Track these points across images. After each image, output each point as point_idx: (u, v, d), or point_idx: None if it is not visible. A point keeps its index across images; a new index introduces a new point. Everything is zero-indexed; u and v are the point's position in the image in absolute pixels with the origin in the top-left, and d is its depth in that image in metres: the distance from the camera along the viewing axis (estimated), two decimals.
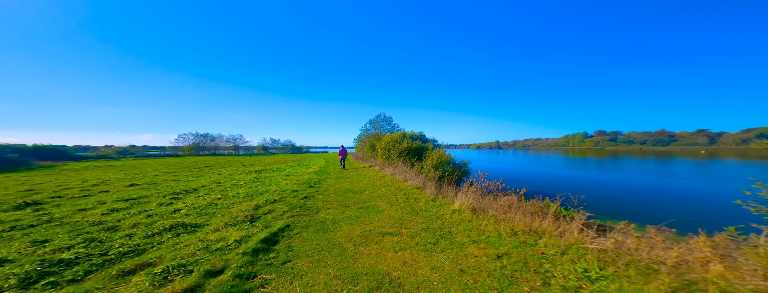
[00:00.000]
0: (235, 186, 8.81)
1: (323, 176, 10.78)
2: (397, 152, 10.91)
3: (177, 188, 8.53)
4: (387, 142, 12.37)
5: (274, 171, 14.25)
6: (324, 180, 9.58)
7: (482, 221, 3.96)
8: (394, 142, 11.70)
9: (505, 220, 3.80)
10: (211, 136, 61.75)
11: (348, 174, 11.55)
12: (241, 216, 4.67)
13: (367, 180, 9.00)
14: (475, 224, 3.87)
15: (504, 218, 3.87)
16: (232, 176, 12.23)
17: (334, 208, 5.35)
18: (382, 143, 13.03)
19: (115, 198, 6.78)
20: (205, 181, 10.43)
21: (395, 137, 11.93)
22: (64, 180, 10.76)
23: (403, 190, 6.80)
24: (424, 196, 5.91)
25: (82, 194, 7.53)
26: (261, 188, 8.19)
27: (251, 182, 9.87)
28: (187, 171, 15.37)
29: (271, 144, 77.37)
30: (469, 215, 4.31)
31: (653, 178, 13.51)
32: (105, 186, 9.27)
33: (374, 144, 17.67)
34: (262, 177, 11.57)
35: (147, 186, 9.22)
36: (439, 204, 5.24)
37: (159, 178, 11.37)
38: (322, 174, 11.58)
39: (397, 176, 8.94)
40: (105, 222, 4.64)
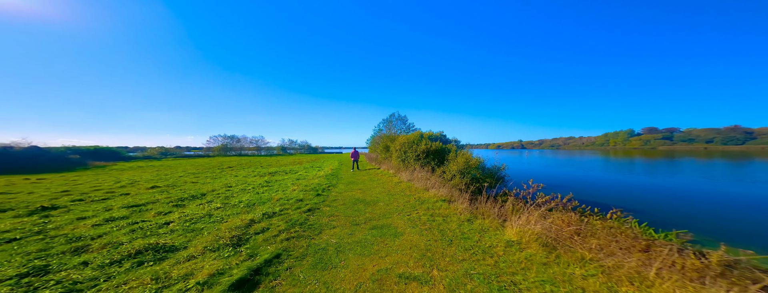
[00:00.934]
0: (242, 192, 8.18)
1: (334, 181, 9.89)
2: (414, 154, 9.70)
3: (189, 192, 8.15)
4: (402, 143, 11.20)
5: (287, 174, 13.69)
6: (334, 186, 8.64)
7: (571, 268, 2.47)
8: (410, 143, 10.50)
9: (607, 268, 2.40)
10: (237, 137, 65.05)
11: (360, 178, 10.56)
12: (228, 237, 3.80)
13: (380, 188, 7.90)
14: (558, 274, 2.42)
15: (605, 263, 2.43)
16: (246, 179, 11.80)
17: (340, 227, 4.31)
18: (397, 144, 11.88)
19: (124, 204, 6.39)
20: (218, 184, 10.05)
21: (412, 138, 10.72)
22: (101, 181, 11.26)
23: (426, 203, 5.60)
24: (456, 213, 4.66)
25: (103, 197, 7.54)
26: (266, 195, 7.42)
27: (260, 187, 9.22)
28: (209, 172, 15.46)
29: (289, 144, 79.84)
30: (540, 253, 2.86)
31: (728, 184, 10.96)
32: (130, 188, 9.34)
33: (388, 145, 16.56)
34: (272, 180, 10.95)
35: (165, 188, 9.15)
36: (480, 227, 3.93)
37: (181, 180, 11.44)
38: (333, 177, 10.71)
39: (415, 183, 7.75)
40: (82, 239, 4.03)
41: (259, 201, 6.54)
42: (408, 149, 10.47)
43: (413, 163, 9.65)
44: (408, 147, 10.52)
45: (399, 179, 9.19)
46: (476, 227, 3.91)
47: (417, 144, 9.94)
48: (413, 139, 10.48)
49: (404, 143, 10.94)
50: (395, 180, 9.03)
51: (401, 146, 11.10)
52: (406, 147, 10.59)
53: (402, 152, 10.98)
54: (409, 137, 10.97)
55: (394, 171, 11.02)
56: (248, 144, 67.48)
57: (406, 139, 11.00)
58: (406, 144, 10.70)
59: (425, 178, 7.53)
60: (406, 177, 8.66)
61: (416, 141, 10.29)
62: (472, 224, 4.04)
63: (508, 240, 3.28)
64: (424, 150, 9.16)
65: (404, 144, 10.91)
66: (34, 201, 6.92)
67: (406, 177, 8.71)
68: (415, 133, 10.93)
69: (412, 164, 9.69)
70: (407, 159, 10.39)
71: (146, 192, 8.34)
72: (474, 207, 4.65)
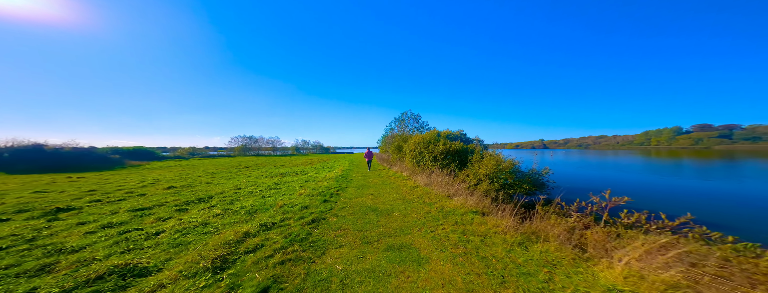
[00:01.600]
0: (248, 196, 7.66)
1: (343, 183, 9.18)
2: (431, 155, 8.75)
3: (199, 194, 7.86)
4: (417, 142, 10.27)
5: (297, 175, 13.24)
6: (343, 189, 7.90)
7: None
8: (426, 143, 9.55)
9: None
10: (254, 138, 67.20)
11: (371, 180, 9.77)
12: (212, 257, 3.11)
13: (395, 193, 7.05)
14: None
15: None
16: (257, 180, 11.44)
17: (348, 245, 3.51)
18: (411, 144, 10.96)
19: (132, 207, 6.12)
20: (229, 186, 9.70)
21: (427, 137, 9.76)
22: (128, 180, 11.54)
23: (452, 215, 4.67)
24: (497, 232, 3.65)
25: (121, 198, 7.47)
26: (271, 200, 6.81)
27: (267, 189, 8.68)
28: (226, 172, 15.45)
29: (302, 145, 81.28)
30: None
31: None
32: (150, 188, 9.36)
33: (400, 145, 15.66)
34: (282, 182, 10.43)
35: (180, 189, 9.09)
36: (544, 258, 2.80)
37: (198, 180, 11.46)
38: (342, 180, 10.00)
39: (434, 188, 6.82)
40: (62, 252, 3.54)
41: (262, 208, 5.91)
42: (423, 149, 9.52)
43: (430, 165, 8.70)
44: (423, 148, 9.57)
45: (414, 183, 8.28)
46: (537, 256, 2.83)
47: (434, 144, 8.97)
48: (429, 138, 9.52)
49: (419, 143, 10.01)
50: (410, 184, 8.13)
51: (416, 146, 10.18)
52: (422, 148, 9.64)
53: (416, 153, 10.06)
54: (425, 136, 10.01)
55: (409, 174, 10.12)
56: (265, 144, 69.47)
57: (421, 138, 10.06)
58: (422, 144, 9.76)
59: (446, 183, 6.58)
60: (423, 181, 7.74)
61: (433, 140, 9.32)
62: (529, 251, 2.98)
63: (611, 289, 2.09)
64: (442, 151, 8.18)
65: (419, 144, 9.97)
66: (59, 200, 7.01)
67: (422, 181, 7.79)
68: (431, 132, 9.96)
69: (429, 166, 8.74)
70: (423, 160, 9.45)
71: (161, 193, 8.20)
72: (521, 224, 3.64)
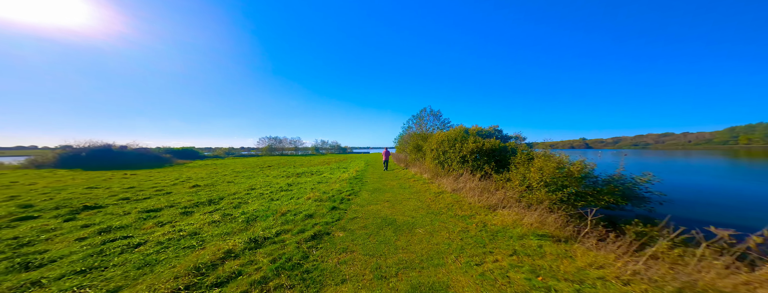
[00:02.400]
0: (258, 198, 7.00)
1: (357, 186, 8.20)
2: (458, 155, 7.40)
3: (214, 195, 7.47)
4: (440, 141, 8.95)
5: (312, 176, 12.65)
6: (356, 194, 6.88)
7: None
8: (451, 141, 8.20)
9: None
10: (279, 139, 70.35)
11: (388, 182, 8.65)
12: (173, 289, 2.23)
13: (415, 200, 5.86)
14: None
15: None
16: (274, 179, 11.00)
17: (353, 281, 2.43)
18: (433, 142, 9.66)
19: (145, 208, 5.81)
20: (245, 186, 9.24)
21: (453, 134, 8.39)
22: (166, 178, 12.03)
23: (503, 236, 3.37)
24: (607, 278, 2.23)
25: (147, 196, 7.41)
26: (276, 205, 5.99)
27: (279, 191, 7.98)
28: (250, 171, 15.60)
29: (321, 145, 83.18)
30: None
31: None
32: (178, 186, 9.39)
33: (419, 144, 14.37)
34: (295, 183, 9.73)
35: (203, 188, 9.01)
36: None
37: (223, 179, 11.47)
38: (356, 182, 9.03)
39: (466, 195, 5.52)
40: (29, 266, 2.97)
41: (263, 215, 5.07)
42: (448, 149, 8.19)
43: (457, 167, 7.35)
44: (448, 146, 8.24)
45: (439, 187, 7.00)
46: None
47: (461, 141, 7.60)
48: (455, 135, 8.16)
49: (443, 141, 8.69)
50: (434, 189, 6.87)
51: (439, 145, 8.87)
52: (446, 146, 8.31)
53: (439, 152, 8.74)
54: (449, 133, 8.65)
55: (430, 176, 8.83)
56: (288, 144, 72.21)
57: (446, 135, 8.72)
58: (446, 142, 8.43)
59: (481, 189, 5.24)
60: (450, 186, 6.44)
61: (459, 137, 7.94)
62: None
63: None
64: (473, 150, 6.80)
65: (443, 142, 8.65)
66: (98, 196, 7.32)
67: (449, 186, 6.49)
68: (457, 129, 8.57)
69: (456, 168, 7.40)
70: (447, 161, 8.12)
71: (184, 192, 8.09)
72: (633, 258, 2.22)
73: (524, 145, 6.50)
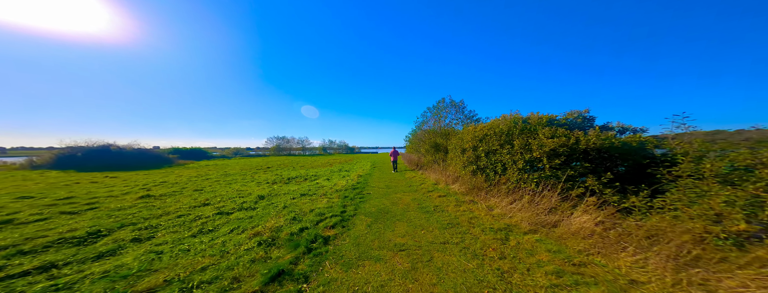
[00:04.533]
0: (189, 224, 4.41)
1: (358, 197, 5.60)
2: (521, 159, 4.40)
3: (146, 212, 5.50)
4: (479, 137, 5.97)
5: (304, 181, 10.18)
6: (348, 220, 4.10)
7: None
8: (500, 136, 5.19)
9: None
10: (287, 138, 69.75)
11: (399, 197, 5.81)
12: None
13: (458, 247, 2.97)
14: None
15: None
16: (250, 187, 8.68)
17: None
18: (465, 140, 6.71)
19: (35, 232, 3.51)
20: (207, 196, 7.16)
21: (502, 126, 5.36)
22: (143, 181, 10.83)
23: None
24: None
25: (77, 209, 5.71)
26: (197, 244, 3.35)
27: (235, 211, 5.39)
28: (240, 174, 13.97)
29: (329, 145, 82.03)
30: None
31: None
32: (131, 195, 7.53)
33: (439, 142, 11.41)
34: (272, 194, 7.07)
35: (155, 199, 7.06)
36: None
37: (199, 184, 9.82)
38: (356, 194, 6.30)
39: (587, 241, 2.55)
40: None
41: (199, 251, 2.41)
42: (497, 148, 5.19)
43: (515, 178, 4.38)
44: (496, 145, 5.24)
45: (490, 213, 4.06)
46: None
47: (525, 136, 4.58)
48: (506, 127, 5.15)
49: (483, 137, 5.70)
50: (481, 216, 3.95)
51: (475, 143, 5.91)
52: (491, 145, 5.34)
53: (476, 154, 5.79)
54: (495, 126, 5.62)
55: (464, 189, 5.88)
56: (296, 144, 71.46)
57: (489, 129, 5.70)
58: (491, 138, 5.44)
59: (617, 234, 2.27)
60: (527, 218, 3.47)
61: (515, 131, 4.92)
62: None
63: None
64: (557, 151, 3.76)
65: (484, 139, 5.67)
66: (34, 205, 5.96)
67: (525, 218, 3.52)
68: (508, 118, 5.53)
69: (513, 179, 4.42)
70: (495, 167, 5.14)
71: (129, 203, 6.44)
72: None
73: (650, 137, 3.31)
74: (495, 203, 4.29)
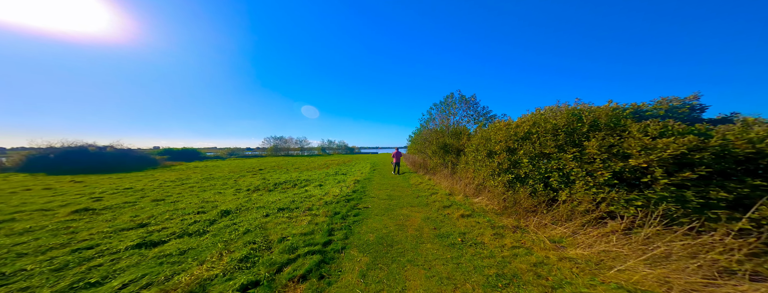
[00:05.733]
0: (133, 251, 2.84)
1: (352, 215, 4.22)
2: (602, 170, 2.84)
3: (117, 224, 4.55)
4: (515, 135, 4.43)
5: (292, 188, 8.70)
6: (340, 250, 2.57)
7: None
8: (553, 132, 3.64)
9: None
10: (284, 138, 67.91)
11: (406, 216, 4.21)
12: None
13: None
14: None
15: None
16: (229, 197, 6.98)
17: None
18: (494, 140, 5.18)
19: None
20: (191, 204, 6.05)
21: (559, 118, 3.79)
22: (130, 184, 9.71)
23: None
24: None
25: None
26: None
27: (204, 225, 3.89)
28: (236, 175, 12.90)
29: (328, 145, 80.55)
30: None
31: None
32: (66, 208, 5.95)
33: (449, 143, 9.89)
34: (241, 209, 5.53)
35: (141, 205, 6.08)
36: None
37: (187, 189, 8.56)
38: (352, 205, 4.79)
39: None
40: None
41: None
42: (554, 154, 3.64)
43: (588, 196, 2.84)
44: (548, 148, 3.69)
45: (589, 264, 2.55)
46: None
47: (609, 135, 3.03)
48: (564, 121, 3.59)
49: (528, 136, 4.16)
50: (565, 268, 2.44)
51: (512, 143, 4.37)
52: (540, 148, 3.80)
53: (513, 161, 4.26)
54: (544, 119, 4.05)
55: (496, 207, 4.35)
56: (294, 144, 69.87)
57: (535, 123, 4.15)
58: (543, 135, 3.90)
59: None
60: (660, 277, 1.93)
61: (576, 126, 3.37)
62: None
63: None
64: (674, 159, 2.21)
65: (529, 139, 4.13)
66: None
67: (657, 277, 1.98)
68: (564, 110, 3.95)
69: (584, 198, 2.89)
70: (545, 178, 3.61)
71: (59, 219, 5.00)
72: None
73: None
74: (561, 234, 2.77)
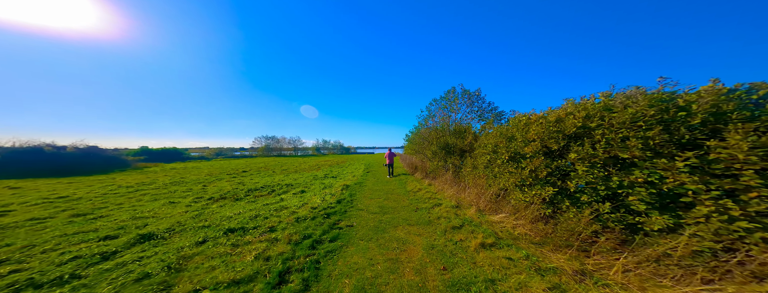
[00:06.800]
0: None
1: (328, 239, 2.78)
2: None
3: None
4: (558, 131, 3.12)
5: (267, 196, 7.46)
6: None
7: None
8: (634, 126, 2.33)
9: None
10: (276, 138, 65.59)
11: (399, 235, 2.78)
12: None
13: None
14: None
15: None
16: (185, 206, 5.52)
17: None
18: (526, 136, 3.87)
19: None
20: (117, 221, 4.66)
21: (643, 104, 2.48)
22: (74, 190, 8.45)
23: None
24: None
25: None
26: None
27: (94, 258, 2.46)
28: (211, 179, 11.78)
29: (323, 145, 78.71)
30: None
31: None
32: None
33: (450, 143, 8.60)
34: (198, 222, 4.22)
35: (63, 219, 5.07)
36: None
37: (139, 196, 7.46)
38: (331, 224, 3.40)
39: None
40: None
41: None
42: (643, 161, 2.33)
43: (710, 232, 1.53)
44: (636, 149, 2.39)
45: None
46: None
47: None
48: (657, 112, 2.27)
49: (588, 131, 2.86)
50: None
51: (551, 143, 3.07)
52: (609, 149, 2.48)
53: (560, 169, 2.96)
54: (608, 106, 2.74)
55: (534, 234, 3.06)
56: (287, 144, 67.68)
57: (584, 117, 2.84)
58: (613, 130, 2.59)
59: None
60: None
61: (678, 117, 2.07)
62: None
63: None
64: None
65: (586, 138, 2.83)
66: None
67: None
68: (643, 95, 2.60)
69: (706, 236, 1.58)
70: (620, 198, 2.29)
71: None
72: None
73: None
74: None
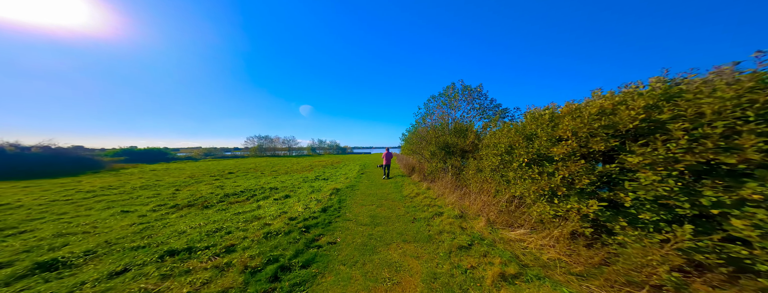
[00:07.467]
0: None
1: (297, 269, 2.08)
2: None
3: None
4: (595, 126, 2.40)
5: (246, 201, 6.71)
6: None
7: None
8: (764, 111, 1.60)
9: None
10: (270, 138, 64.35)
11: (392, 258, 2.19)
12: None
13: None
14: None
15: None
16: (136, 217, 4.65)
17: None
18: (547, 140, 3.14)
19: None
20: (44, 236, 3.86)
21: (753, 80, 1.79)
22: (24, 196, 7.65)
23: None
24: None
25: None
26: None
27: None
28: (189, 182, 10.80)
29: (319, 145, 77.59)
30: None
31: None
32: None
33: (450, 143, 7.89)
34: (142, 238, 3.38)
35: None
36: None
37: (92, 203, 6.54)
38: (310, 240, 2.64)
39: None
40: None
41: None
42: None
43: None
44: None
45: None
46: None
47: None
48: None
49: (661, 131, 2.12)
50: None
51: (598, 145, 2.35)
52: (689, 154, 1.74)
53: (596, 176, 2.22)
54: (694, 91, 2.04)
55: (561, 254, 2.34)
56: (281, 144, 66.32)
57: (678, 102, 2.12)
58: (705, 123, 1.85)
59: None
60: None
61: None
62: None
63: None
64: None
65: (655, 136, 2.09)
66: None
67: None
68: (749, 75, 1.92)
69: None
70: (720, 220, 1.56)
71: None
72: None
73: None
74: None
